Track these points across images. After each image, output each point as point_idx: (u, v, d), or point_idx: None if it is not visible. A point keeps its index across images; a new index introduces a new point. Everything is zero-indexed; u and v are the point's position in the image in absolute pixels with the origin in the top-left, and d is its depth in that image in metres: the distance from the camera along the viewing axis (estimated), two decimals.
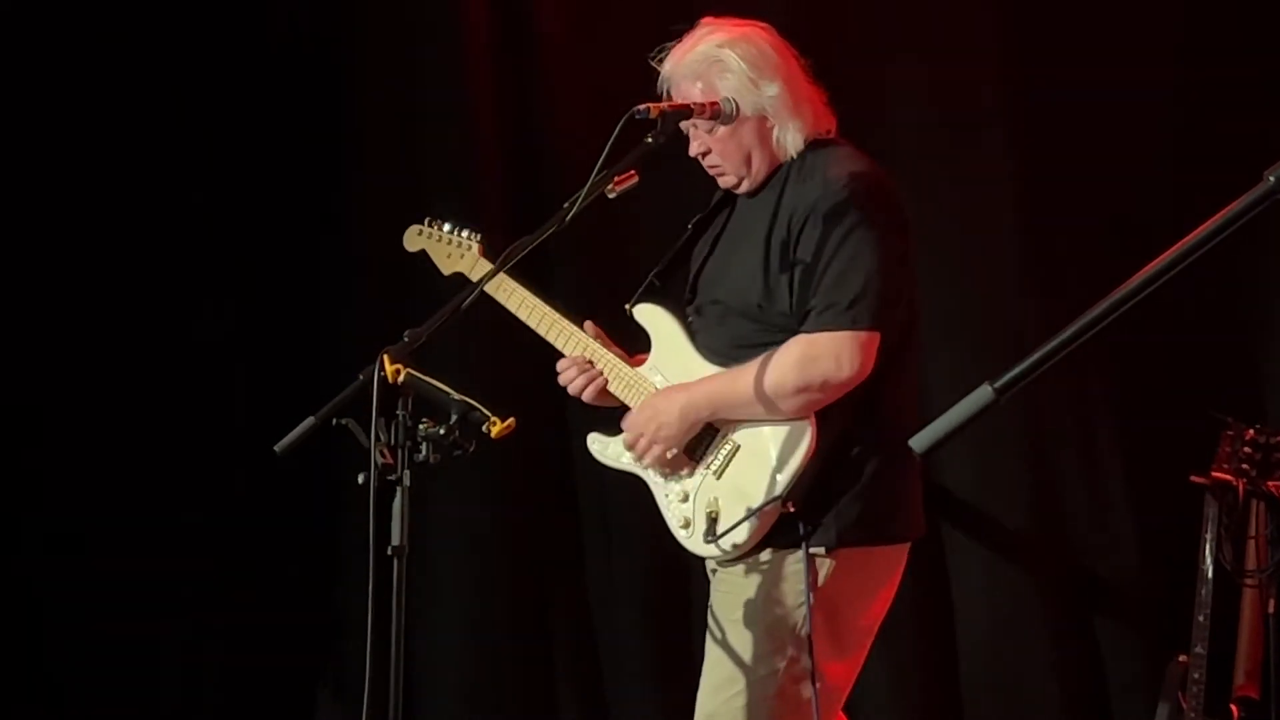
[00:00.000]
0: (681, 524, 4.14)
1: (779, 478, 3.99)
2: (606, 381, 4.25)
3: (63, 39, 6.26)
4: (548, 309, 4.33)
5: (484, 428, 3.62)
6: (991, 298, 5.67)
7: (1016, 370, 2.33)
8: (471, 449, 3.63)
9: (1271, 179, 2.23)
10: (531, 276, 4.33)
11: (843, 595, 4.06)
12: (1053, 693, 5.60)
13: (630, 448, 4.18)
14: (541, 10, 6.24)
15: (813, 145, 4.15)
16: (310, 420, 3.74)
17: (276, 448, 3.82)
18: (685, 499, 4.13)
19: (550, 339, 4.34)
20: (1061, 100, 5.61)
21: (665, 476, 4.18)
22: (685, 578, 5.66)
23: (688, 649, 5.65)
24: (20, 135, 6.22)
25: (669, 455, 4.14)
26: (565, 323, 4.32)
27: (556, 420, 6.12)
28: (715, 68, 4.12)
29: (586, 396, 4.28)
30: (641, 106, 3.92)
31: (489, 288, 4.15)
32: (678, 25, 4.25)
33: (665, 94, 4.19)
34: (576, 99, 6.12)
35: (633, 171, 3.93)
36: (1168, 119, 5.53)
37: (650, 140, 3.92)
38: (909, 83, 5.74)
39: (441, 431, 3.60)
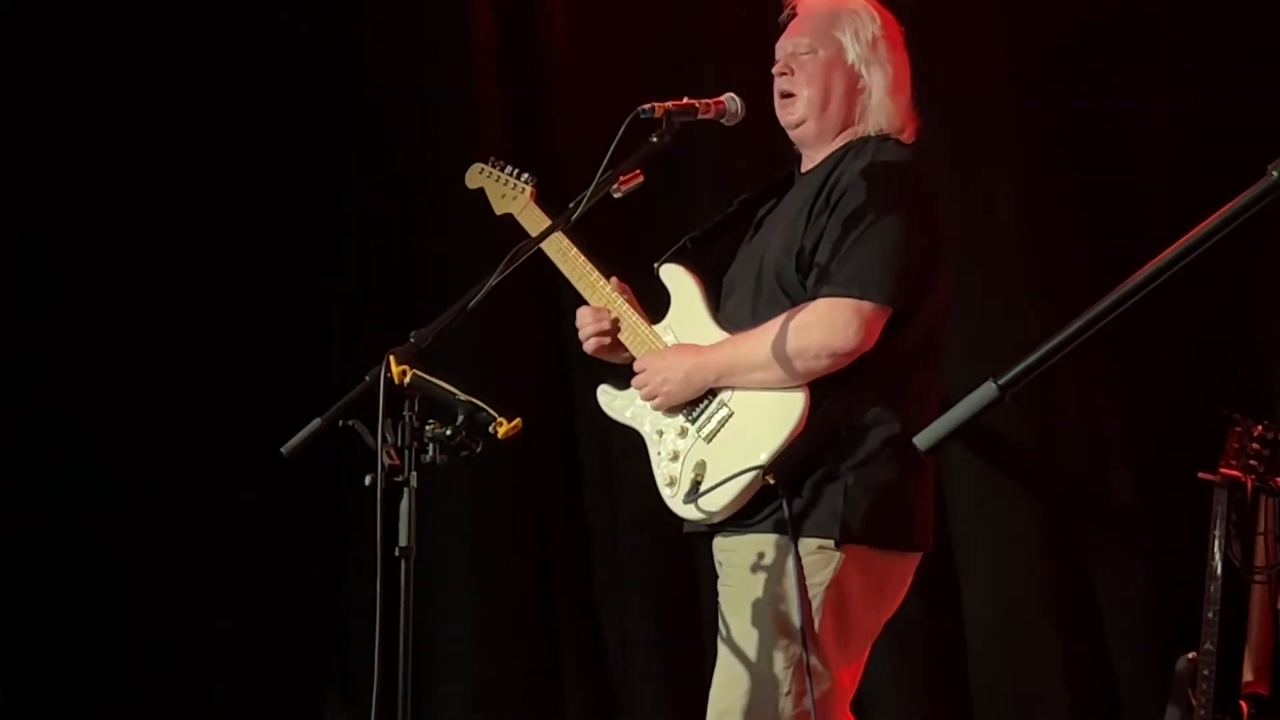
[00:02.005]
0: (667, 482, 4.16)
1: (763, 449, 3.99)
2: (615, 331, 4.30)
3: (69, 42, 6.27)
4: (583, 259, 4.37)
5: (490, 428, 3.62)
6: (995, 294, 5.66)
7: (1021, 366, 2.32)
8: (478, 450, 3.63)
9: (1275, 173, 2.23)
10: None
11: (854, 593, 4.05)
12: (1062, 691, 5.59)
13: (638, 389, 4.23)
14: (545, 12, 6.26)
15: (884, 139, 4.19)
16: (317, 422, 3.74)
17: (284, 449, 3.82)
18: (675, 458, 4.15)
19: (579, 288, 4.38)
20: (1065, 102, 5.62)
21: (661, 434, 4.20)
22: (693, 572, 5.66)
23: (696, 644, 5.67)
24: (27, 141, 6.23)
25: (667, 409, 4.19)
26: (596, 274, 4.37)
27: (564, 418, 6.13)
28: (847, 12, 4.24)
29: (590, 345, 4.35)
30: (646, 106, 3.93)
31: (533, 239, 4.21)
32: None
33: (787, 16, 4.31)
34: (581, 98, 6.13)
35: (638, 171, 3.94)
36: (1173, 118, 5.53)
37: (655, 140, 3.92)
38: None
39: (448, 432, 3.60)
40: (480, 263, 3.80)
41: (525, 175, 4.59)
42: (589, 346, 4.37)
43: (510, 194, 4.60)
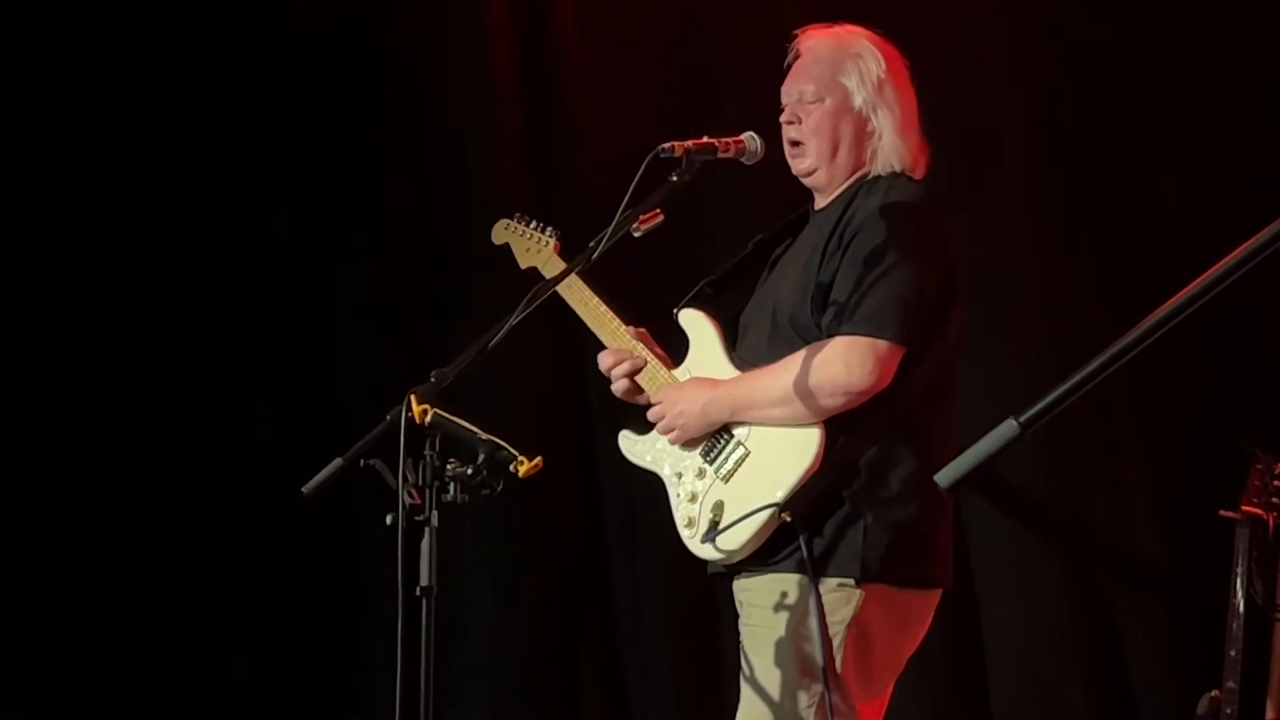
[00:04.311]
0: (686, 523, 4.17)
1: (779, 487, 4.00)
2: (640, 369, 4.31)
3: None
4: (603, 307, 4.39)
5: (511, 467, 3.62)
6: (1013, 331, 5.66)
7: (1042, 404, 2.31)
8: (499, 488, 3.64)
9: None
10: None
11: (876, 630, 4.06)
12: None
13: (655, 421, 4.24)
14: (563, 39, 6.27)
15: (895, 175, 4.19)
16: (338, 461, 3.75)
17: (305, 489, 3.83)
18: (693, 499, 4.16)
19: (599, 335, 4.40)
20: (1084, 135, 5.61)
21: (679, 476, 4.21)
22: (714, 610, 5.64)
23: (716, 682, 5.66)
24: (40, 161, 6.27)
25: (684, 443, 4.20)
26: (616, 321, 4.38)
27: (583, 449, 6.13)
28: (850, 55, 4.22)
29: (616, 384, 4.35)
30: (666, 145, 3.94)
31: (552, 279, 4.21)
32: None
33: (790, 60, 4.29)
34: (601, 132, 6.15)
35: (658, 210, 3.94)
36: (1193, 150, 5.52)
37: (675, 179, 3.93)
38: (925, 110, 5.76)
39: (469, 471, 3.60)
40: (501, 299, 3.80)
41: (549, 229, 4.61)
42: (617, 388, 4.37)
43: (535, 248, 4.62)
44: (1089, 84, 5.67)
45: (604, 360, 4.39)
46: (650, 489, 4.37)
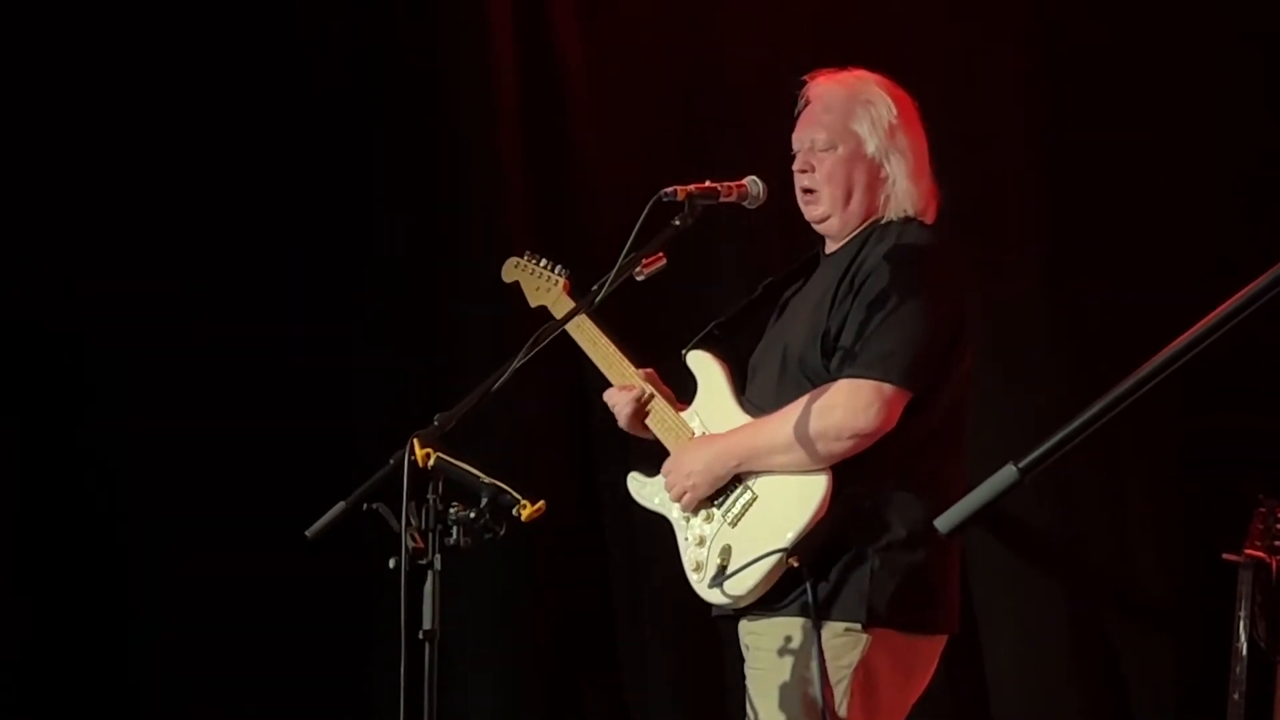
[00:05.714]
0: (694, 567, 4.18)
1: (787, 531, 4.00)
2: (646, 405, 4.34)
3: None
4: (611, 347, 4.42)
5: (514, 511, 3.62)
6: (1019, 375, 5.65)
7: (1042, 449, 2.30)
8: (502, 532, 3.64)
9: None
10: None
11: (881, 675, 4.06)
12: None
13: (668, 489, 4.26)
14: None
15: (907, 220, 4.20)
16: (341, 505, 3.75)
17: (308, 533, 3.83)
18: (701, 543, 4.17)
19: (609, 375, 4.43)
20: (1092, 163, 5.62)
21: (688, 520, 4.22)
22: (718, 653, 5.64)
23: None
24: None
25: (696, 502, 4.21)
26: (625, 362, 4.41)
27: (586, 493, 6.12)
28: (861, 102, 4.23)
29: (621, 419, 4.38)
30: (668, 189, 3.93)
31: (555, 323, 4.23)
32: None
33: (800, 106, 4.30)
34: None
35: (661, 254, 3.94)
36: (1203, 179, 5.53)
37: (677, 222, 3.93)
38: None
39: (472, 515, 3.60)
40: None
41: (559, 268, 4.64)
42: (623, 418, 4.39)
43: (544, 286, 4.65)
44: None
45: (609, 396, 4.42)
46: (654, 525, 4.38)
